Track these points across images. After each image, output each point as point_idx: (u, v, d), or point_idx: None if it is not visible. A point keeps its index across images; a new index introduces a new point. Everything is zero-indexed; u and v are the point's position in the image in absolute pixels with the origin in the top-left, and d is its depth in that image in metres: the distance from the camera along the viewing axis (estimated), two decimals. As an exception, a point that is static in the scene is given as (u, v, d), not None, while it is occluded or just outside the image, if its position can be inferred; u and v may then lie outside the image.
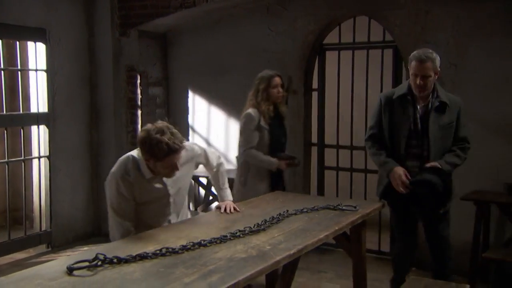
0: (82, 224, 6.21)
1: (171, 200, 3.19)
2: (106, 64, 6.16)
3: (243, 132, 4.35)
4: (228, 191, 3.61)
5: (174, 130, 2.97)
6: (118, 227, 3.05)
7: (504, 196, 4.53)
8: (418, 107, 3.70)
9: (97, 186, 6.28)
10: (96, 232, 6.30)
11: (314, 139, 5.85)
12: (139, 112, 6.17)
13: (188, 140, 6.41)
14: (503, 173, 4.67)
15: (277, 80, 4.37)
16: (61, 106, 5.88)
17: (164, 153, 2.86)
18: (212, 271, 2.29)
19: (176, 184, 3.19)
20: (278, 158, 4.29)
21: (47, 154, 5.80)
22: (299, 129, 5.73)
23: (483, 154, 4.75)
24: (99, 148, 6.27)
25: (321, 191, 5.84)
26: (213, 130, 6.26)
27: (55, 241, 5.88)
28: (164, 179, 3.11)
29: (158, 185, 3.11)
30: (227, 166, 6.09)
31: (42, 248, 5.84)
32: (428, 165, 3.61)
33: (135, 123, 6.17)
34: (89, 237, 6.20)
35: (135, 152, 3.08)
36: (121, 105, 6.18)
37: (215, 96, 6.20)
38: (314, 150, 5.86)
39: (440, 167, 3.58)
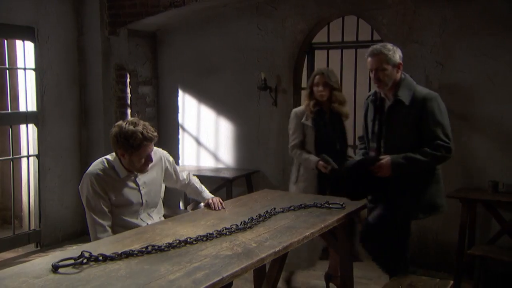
0: (71, 223, 6.20)
1: (144, 200, 3.24)
2: (95, 63, 6.15)
3: (289, 130, 4.44)
4: (208, 192, 3.65)
5: (146, 122, 3.10)
6: (97, 226, 3.08)
7: (489, 194, 4.57)
8: (386, 106, 3.52)
9: (86, 185, 6.27)
10: (85, 231, 6.22)
11: (303, 138, 5.87)
12: (129, 111, 6.17)
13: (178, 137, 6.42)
14: (488, 171, 4.72)
15: (318, 78, 4.21)
16: (50, 105, 5.87)
17: (139, 141, 2.97)
18: (197, 268, 2.31)
19: (148, 185, 3.28)
20: (320, 159, 4.07)
21: (36, 153, 5.79)
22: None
23: (469, 153, 4.81)
24: (89, 147, 6.26)
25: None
26: (203, 129, 6.28)
27: (44, 240, 5.87)
28: (137, 179, 3.20)
29: (131, 185, 3.18)
30: (217, 165, 6.13)
31: (31, 247, 5.83)
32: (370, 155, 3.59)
33: (125, 122, 6.16)
34: (78, 236, 6.18)
35: (108, 156, 3.18)
36: (110, 104, 6.18)
37: (204, 95, 6.21)
38: (303, 149, 5.89)
39: (380, 159, 3.39)
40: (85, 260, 2.32)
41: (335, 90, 4.19)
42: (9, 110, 5.62)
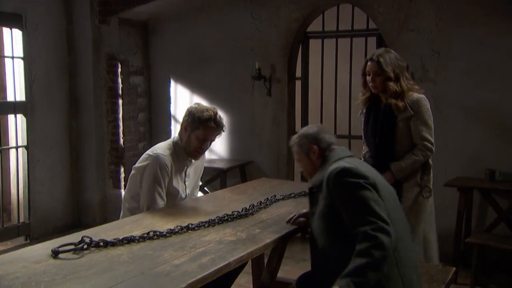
0: (61, 216, 6.08)
1: (186, 192, 3.26)
2: (85, 52, 6.03)
3: None
4: None
5: None
6: (159, 199, 3.03)
7: (486, 182, 4.57)
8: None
9: (77, 177, 6.17)
10: (76, 224, 6.16)
11: (298, 128, 5.82)
12: (120, 101, 6.06)
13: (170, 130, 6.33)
14: (484, 160, 4.71)
15: (369, 65, 3.37)
16: (39, 94, 5.73)
17: (207, 118, 3.02)
18: (202, 253, 2.25)
19: (190, 179, 3.31)
20: None
21: (25, 144, 5.66)
22: (283, 118, 5.70)
23: (465, 141, 4.80)
24: (79, 138, 6.14)
25: (305, 180, 5.81)
26: (195, 120, 6.18)
27: (33, 233, 5.75)
28: (187, 170, 3.22)
29: (181, 173, 3.21)
30: (211, 156, 6.06)
31: (20, 240, 5.70)
32: None
33: (116, 112, 6.06)
34: (68, 229, 6.05)
35: (173, 138, 3.24)
36: (101, 94, 6.06)
37: (197, 85, 6.12)
38: (298, 139, 5.83)
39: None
40: (85, 246, 2.24)
41: (389, 81, 3.29)
42: (-3, 100, 5.49)
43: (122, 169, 6.10)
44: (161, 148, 3.15)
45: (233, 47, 5.86)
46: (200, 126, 3.06)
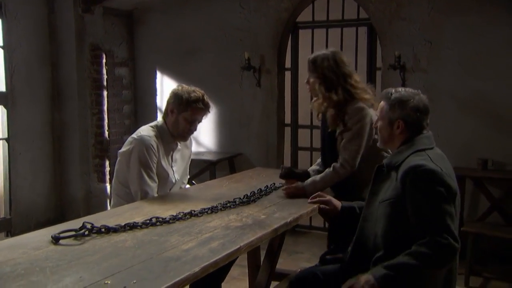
0: (43, 211, 5.89)
1: (175, 178, 3.17)
2: (68, 42, 5.84)
3: None
4: None
5: None
6: (149, 182, 2.92)
7: (479, 171, 4.57)
8: None
9: (60, 171, 5.98)
10: (59, 219, 5.96)
11: (288, 119, 5.75)
12: (105, 93, 5.89)
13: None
14: (476, 149, 4.71)
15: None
16: (20, 85, 5.54)
17: (195, 99, 2.95)
18: (210, 238, 2.15)
19: (178, 164, 3.21)
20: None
21: (6, 136, 5.47)
22: (273, 110, 5.62)
23: (457, 131, 4.80)
24: (62, 130, 5.95)
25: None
26: (182, 112, 6.06)
27: (15, 228, 5.54)
28: (174, 154, 3.13)
29: (168, 158, 3.11)
30: (198, 149, 5.95)
31: (1, 236, 5.50)
32: None
33: (101, 104, 5.90)
34: (51, 224, 5.80)
35: (155, 122, 3.15)
36: (85, 86, 5.89)
37: (185, 77, 5.97)
38: (288, 131, 5.76)
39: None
40: (86, 232, 2.12)
41: (320, 85, 2.94)
42: (-24, 90, 5.28)
43: (107, 163, 5.94)
44: (145, 130, 3.06)
45: (221, 37, 5.75)
46: (188, 108, 2.98)
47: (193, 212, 2.50)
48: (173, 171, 3.15)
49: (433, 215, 2.10)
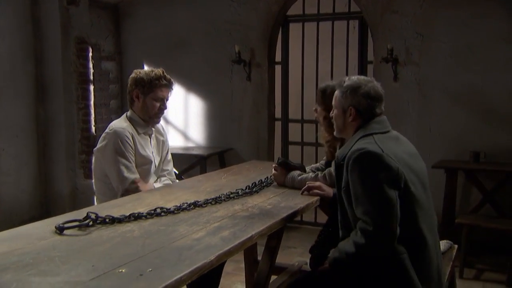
0: (28, 209, 5.71)
1: (155, 163, 3.09)
2: (53, 35, 5.67)
3: None
4: None
5: None
6: (126, 173, 2.85)
7: (471, 164, 4.59)
8: None
9: (44, 167, 5.81)
10: (44, 217, 5.76)
11: (278, 114, 5.70)
12: (92, 87, 5.76)
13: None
14: (468, 142, 4.73)
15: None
16: (3, 79, 5.35)
17: (157, 78, 2.92)
18: (220, 228, 2.09)
19: (156, 148, 3.15)
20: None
21: (-11, 132, 5.29)
22: (263, 104, 5.57)
23: (449, 124, 4.82)
24: (47, 126, 5.78)
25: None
26: (171, 107, 5.93)
27: (-1, 227, 5.38)
28: (151, 138, 3.06)
29: (146, 143, 3.04)
30: (187, 144, 5.86)
31: (-16, 235, 5.33)
32: None
33: (87, 99, 5.75)
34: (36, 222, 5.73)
35: (126, 113, 3.07)
36: (70, 80, 5.73)
37: (173, 71, 5.67)
38: (278, 125, 5.72)
39: None
40: (91, 222, 2.04)
41: None
42: (-42, 84, 5.10)
43: (94, 159, 5.79)
44: (116, 123, 3.00)
45: (210, 31, 5.68)
46: (153, 87, 2.95)
47: (197, 202, 2.43)
48: (152, 155, 3.08)
49: (364, 199, 2.07)
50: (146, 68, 3.07)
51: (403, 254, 2.10)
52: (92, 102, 5.76)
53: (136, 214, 2.18)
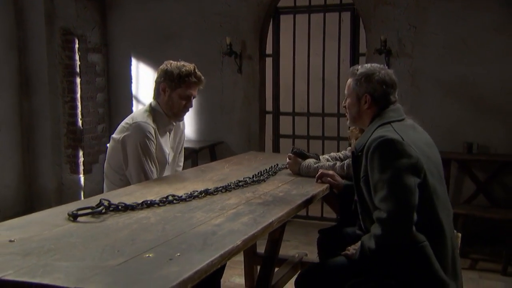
0: (12, 204, 5.55)
1: (169, 159, 2.99)
2: (37, 25, 5.51)
3: None
4: None
5: None
6: (149, 173, 2.75)
7: (464, 155, 4.62)
8: None
9: (29, 162, 5.65)
10: (28, 213, 5.63)
11: (269, 107, 5.65)
12: (78, 80, 5.61)
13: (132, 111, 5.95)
14: (461, 133, 4.76)
15: None
16: (-14, 71, 5.20)
17: (187, 73, 2.79)
18: (237, 214, 2.03)
19: (174, 143, 3.06)
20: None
21: (-29, 125, 5.12)
22: (254, 96, 5.51)
23: (442, 115, 4.83)
24: (31, 119, 5.62)
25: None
26: (159, 99, 5.85)
27: (-18, 223, 5.20)
28: (169, 142, 2.97)
29: (166, 138, 2.94)
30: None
31: (-33, 232, 5.15)
32: None
33: (74, 92, 5.61)
34: (21, 219, 5.56)
35: (148, 104, 2.93)
36: (56, 72, 5.58)
37: (161, 63, 5.74)
38: (269, 118, 5.67)
39: None
40: (103, 210, 1.95)
41: None
42: None
43: (80, 153, 5.67)
44: (139, 115, 2.86)
45: (200, 22, 5.59)
46: (182, 83, 2.82)
47: (208, 190, 2.37)
48: (169, 151, 3.00)
49: (383, 186, 2.03)
50: (175, 62, 2.90)
51: (424, 242, 2.06)
52: (78, 95, 5.62)
53: (149, 202, 2.10)
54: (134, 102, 5.96)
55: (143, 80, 5.89)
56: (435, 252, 2.09)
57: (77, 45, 5.60)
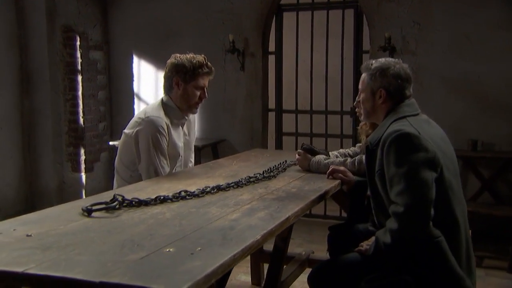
0: (12, 203, 5.50)
1: (182, 153, 2.98)
2: (38, 23, 5.46)
3: None
4: None
5: None
6: (163, 167, 2.75)
7: (469, 152, 4.61)
8: None
9: (30, 160, 5.60)
10: (29, 211, 5.59)
11: (272, 105, 5.62)
12: (80, 77, 5.57)
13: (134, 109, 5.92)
14: (465, 131, 4.74)
15: None
16: (-14, 69, 5.14)
17: (200, 65, 2.80)
18: (253, 209, 2.01)
19: (186, 137, 3.06)
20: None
21: (-28, 123, 5.07)
22: (257, 94, 5.48)
23: (446, 112, 4.81)
24: (32, 117, 5.57)
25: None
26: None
27: (-17, 222, 5.15)
28: (182, 140, 2.96)
29: (179, 132, 2.94)
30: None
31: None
32: None
33: (75, 90, 5.56)
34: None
35: (160, 99, 2.93)
36: (57, 70, 5.53)
37: (163, 61, 5.51)
38: (272, 116, 5.64)
39: None
40: (117, 205, 1.92)
41: None
42: None
43: (82, 151, 5.62)
44: (152, 110, 2.84)
45: (202, 20, 5.55)
46: (196, 75, 2.83)
47: (220, 186, 2.34)
48: (181, 146, 2.98)
49: (399, 180, 2.00)
50: (183, 55, 2.90)
51: (440, 237, 2.04)
52: (80, 93, 5.57)
53: (162, 197, 2.08)
54: (136, 100, 5.91)
55: (145, 78, 5.85)
56: (450, 248, 2.07)
57: (78, 43, 5.55)
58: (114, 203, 1.91)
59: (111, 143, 5.49)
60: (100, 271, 1.28)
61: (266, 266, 3.41)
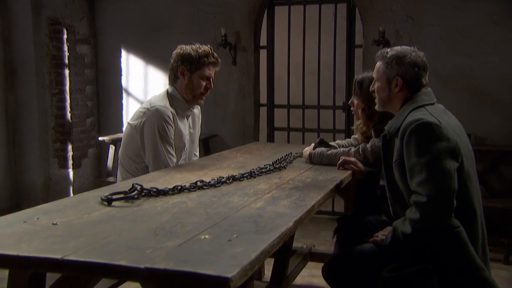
0: (-2, 200, 5.33)
1: (187, 144, 2.95)
2: (23, 15, 5.29)
3: None
4: None
5: None
6: (170, 157, 2.70)
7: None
8: None
9: (15, 156, 5.43)
10: (14, 209, 5.40)
11: (263, 99, 5.57)
12: (67, 71, 5.42)
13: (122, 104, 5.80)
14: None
15: None
16: (-30, 62, 4.96)
17: (206, 54, 2.75)
18: (274, 198, 1.96)
19: (192, 128, 3.02)
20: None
21: (-45, 118, 4.88)
22: (249, 89, 5.42)
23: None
24: (17, 112, 5.40)
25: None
26: (151, 93, 5.68)
27: (-34, 221, 4.96)
28: (189, 119, 2.92)
29: (185, 122, 2.89)
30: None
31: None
32: None
33: (62, 84, 5.41)
34: (7, 214, 5.33)
35: (166, 89, 2.88)
36: (43, 64, 5.37)
37: (153, 56, 5.63)
38: (263, 111, 5.59)
39: None
40: (136, 195, 1.85)
41: None
42: None
43: (69, 147, 5.48)
44: (157, 100, 2.78)
45: (193, 13, 5.46)
46: (202, 65, 2.78)
47: (234, 176, 2.28)
48: (187, 136, 2.91)
49: (420, 170, 1.98)
50: (189, 45, 2.85)
51: (459, 227, 2.02)
52: (67, 88, 5.43)
53: (179, 187, 2.01)
54: (124, 95, 5.79)
55: (133, 73, 5.73)
56: (468, 238, 2.06)
57: (65, 36, 5.41)
58: (134, 193, 1.83)
59: (100, 138, 5.36)
60: (141, 258, 1.21)
61: (266, 261, 3.37)
